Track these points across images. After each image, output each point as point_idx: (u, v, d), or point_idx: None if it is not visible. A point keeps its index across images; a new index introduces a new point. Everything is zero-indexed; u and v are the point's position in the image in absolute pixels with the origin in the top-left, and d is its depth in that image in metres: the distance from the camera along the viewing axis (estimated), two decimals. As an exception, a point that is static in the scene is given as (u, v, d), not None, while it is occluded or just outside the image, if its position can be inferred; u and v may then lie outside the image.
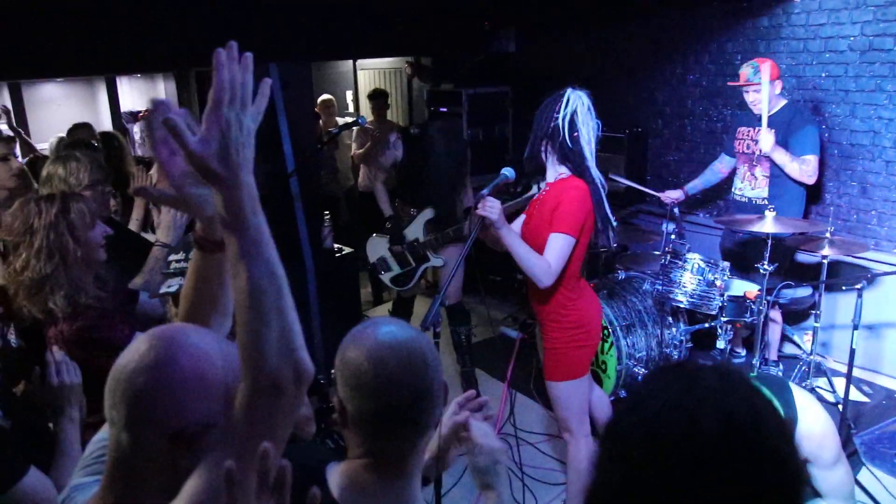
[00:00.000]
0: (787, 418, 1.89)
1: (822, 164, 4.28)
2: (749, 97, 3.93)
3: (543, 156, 2.68)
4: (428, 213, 4.26)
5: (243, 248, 0.96)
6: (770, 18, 4.45)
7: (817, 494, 2.03)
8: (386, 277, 4.40)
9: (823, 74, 4.25)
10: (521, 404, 4.11)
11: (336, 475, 1.26)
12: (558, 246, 2.55)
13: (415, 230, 4.28)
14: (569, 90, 2.64)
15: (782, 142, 3.85)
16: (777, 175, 3.91)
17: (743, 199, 4.11)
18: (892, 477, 3.23)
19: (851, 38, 4.09)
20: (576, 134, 2.59)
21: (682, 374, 0.84)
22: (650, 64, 5.21)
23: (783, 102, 3.95)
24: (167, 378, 1.03)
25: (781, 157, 3.80)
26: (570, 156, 2.62)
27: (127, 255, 2.65)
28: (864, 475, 3.24)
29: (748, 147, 4.03)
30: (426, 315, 2.08)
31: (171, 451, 1.03)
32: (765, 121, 3.78)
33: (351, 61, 7.35)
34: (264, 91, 1.04)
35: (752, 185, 4.05)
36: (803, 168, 3.78)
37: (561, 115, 2.59)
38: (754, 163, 4.03)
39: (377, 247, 4.42)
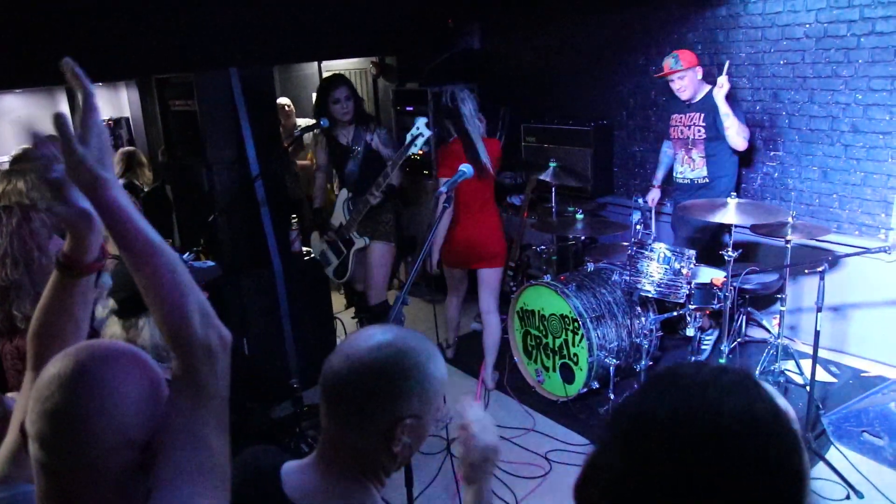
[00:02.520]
0: None
1: (783, 150, 4.41)
2: (674, 85, 4.18)
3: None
4: (343, 195, 4.30)
5: (140, 244, 1.00)
6: (728, 8, 4.50)
7: None
8: (329, 271, 4.41)
9: (782, 62, 4.31)
10: (496, 400, 4.12)
11: (290, 473, 1.26)
12: None
13: (338, 215, 4.32)
14: (447, 86, 4.01)
15: (712, 122, 4.09)
16: (712, 154, 4.19)
17: (685, 181, 4.36)
18: (859, 454, 3.29)
19: (807, 26, 4.15)
20: (456, 103, 3.88)
21: (701, 373, 0.84)
22: (613, 56, 5.24)
23: (707, 88, 4.16)
24: (89, 394, 0.99)
25: (725, 108, 3.99)
26: (453, 119, 3.93)
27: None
28: (833, 453, 3.30)
29: (682, 133, 4.28)
30: (388, 316, 2.11)
31: (108, 466, 0.99)
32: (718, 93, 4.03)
33: (316, 63, 7.30)
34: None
35: (691, 167, 4.30)
36: (740, 127, 4.02)
37: (445, 97, 3.95)
38: (690, 146, 4.28)
39: (316, 242, 4.45)
